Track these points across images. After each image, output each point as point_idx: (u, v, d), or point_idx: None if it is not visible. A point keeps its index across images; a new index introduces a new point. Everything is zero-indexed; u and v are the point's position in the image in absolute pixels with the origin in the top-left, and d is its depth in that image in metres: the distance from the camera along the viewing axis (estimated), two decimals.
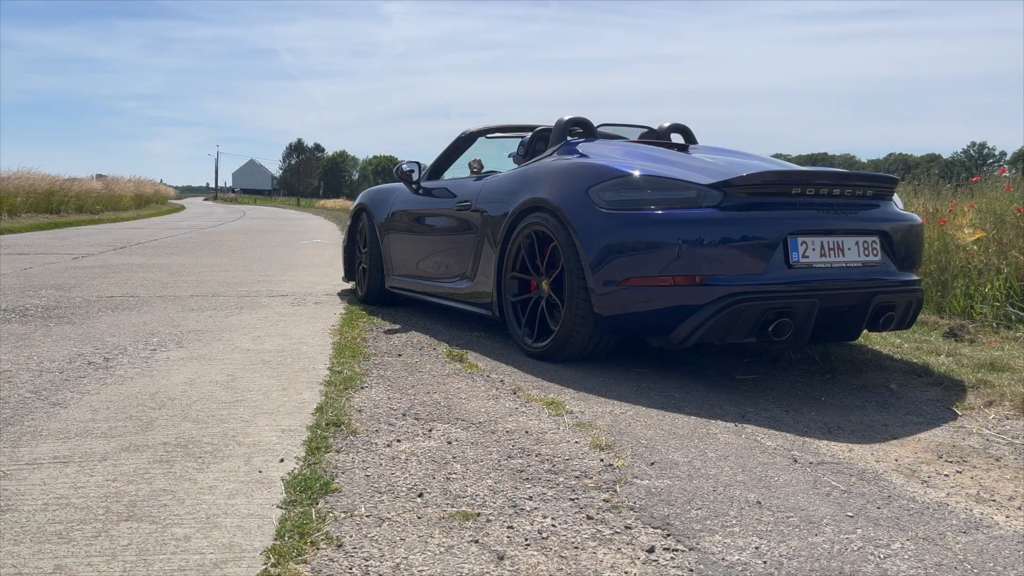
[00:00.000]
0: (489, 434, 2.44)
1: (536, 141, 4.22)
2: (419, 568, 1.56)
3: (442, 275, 4.38)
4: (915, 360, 3.54)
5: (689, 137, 4.52)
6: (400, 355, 3.57)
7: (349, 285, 5.83)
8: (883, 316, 3.25)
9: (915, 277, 3.42)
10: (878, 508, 1.95)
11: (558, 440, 2.39)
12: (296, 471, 2.04)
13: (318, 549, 1.62)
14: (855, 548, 1.71)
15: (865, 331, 3.45)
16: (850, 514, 1.90)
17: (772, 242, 3.02)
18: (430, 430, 2.46)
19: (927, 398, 3.04)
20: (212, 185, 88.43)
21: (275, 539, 1.65)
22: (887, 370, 3.42)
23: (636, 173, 3.24)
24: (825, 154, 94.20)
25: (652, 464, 2.20)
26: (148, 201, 29.21)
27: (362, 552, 1.62)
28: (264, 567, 1.52)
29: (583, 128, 4.10)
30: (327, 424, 2.44)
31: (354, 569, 1.54)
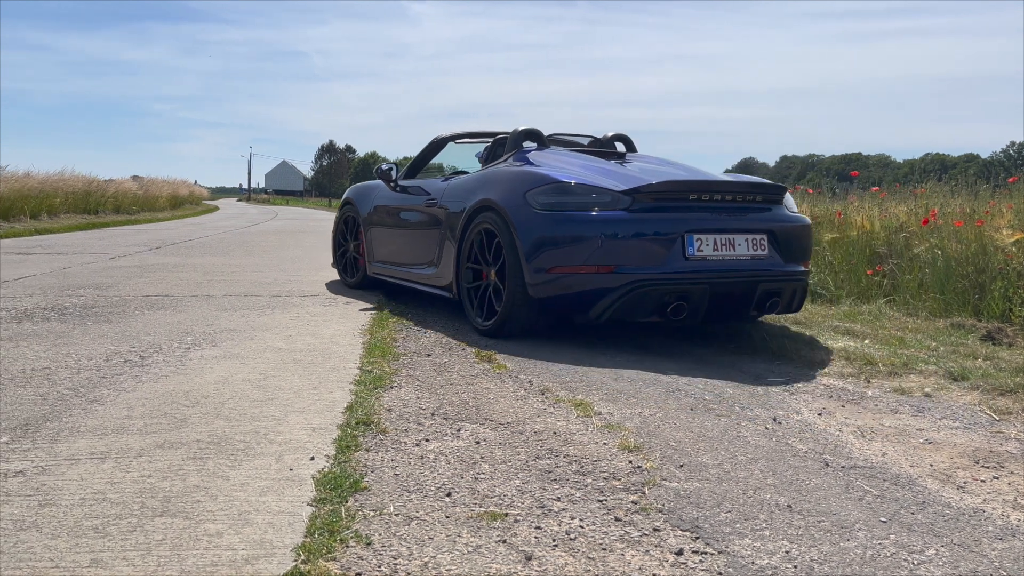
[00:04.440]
0: (517, 434, 2.44)
1: (496, 147, 4.87)
2: (447, 567, 1.57)
3: (413, 262, 4.96)
4: (951, 364, 3.48)
5: (630, 146, 5.20)
6: (429, 355, 3.58)
7: (335, 272, 6.31)
8: (769, 301, 3.84)
9: (801, 268, 3.99)
10: (912, 514, 1.92)
11: (586, 441, 2.38)
12: (326, 469, 2.06)
13: (347, 547, 1.63)
14: (888, 554, 1.69)
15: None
16: (883, 519, 1.87)
17: (671, 238, 3.63)
18: (458, 430, 2.47)
19: (963, 402, 2.98)
20: (245, 186, 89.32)
21: (305, 536, 1.66)
22: (923, 374, 3.36)
23: (564, 180, 3.84)
24: (859, 154, 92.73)
25: (681, 466, 2.19)
26: (183, 202, 29.64)
27: (391, 550, 1.63)
28: (294, 564, 1.54)
29: (535, 138, 4.70)
30: (357, 423, 2.46)
31: (383, 567, 1.56)
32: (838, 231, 6.46)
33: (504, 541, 1.69)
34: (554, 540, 1.70)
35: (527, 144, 4.69)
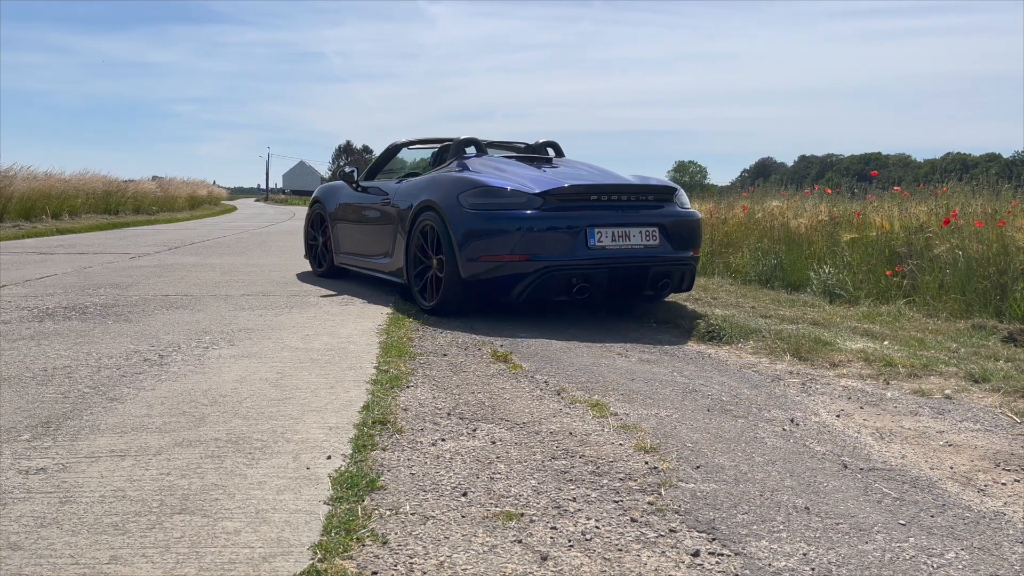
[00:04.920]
0: (533, 435, 2.44)
1: (442, 152, 5.62)
2: (463, 567, 1.57)
3: (372, 253, 5.72)
4: (972, 365, 3.44)
5: (558, 151, 6.00)
6: (445, 355, 3.59)
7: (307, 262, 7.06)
8: (660, 282, 4.61)
9: (690, 254, 4.73)
10: (932, 516, 1.90)
11: (602, 442, 2.38)
12: (343, 468, 2.07)
13: (364, 546, 1.64)
14: (907, 557, 1.67)
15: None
16: (902, 522, 1.86)
17: (576, 231, 4.35)
18: (474, 430, 2.47)
19: (984, 404, 2.95)
20: (263, 186, 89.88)
21: (322, 535, 1.67)
22: (943, 376, 3.33)
23: (489, 184, 4.56)
24: (879, 154, 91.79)
25: (698, 468, 2.18)
26: (201, 202, 29.82)
27: (407, 550, 1.63)
28: (311, 562, 1.55)
29: (475, 145, 5.53)
30: (373, 422, 2.47)
31: (399, 566, 1.56)
32: (857, 231, 6.41)
33: (520, 541, 1.69)
34: (570, 540, 1.70)
35: (468, 150, 5.47)
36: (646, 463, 2.20)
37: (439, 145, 5.83)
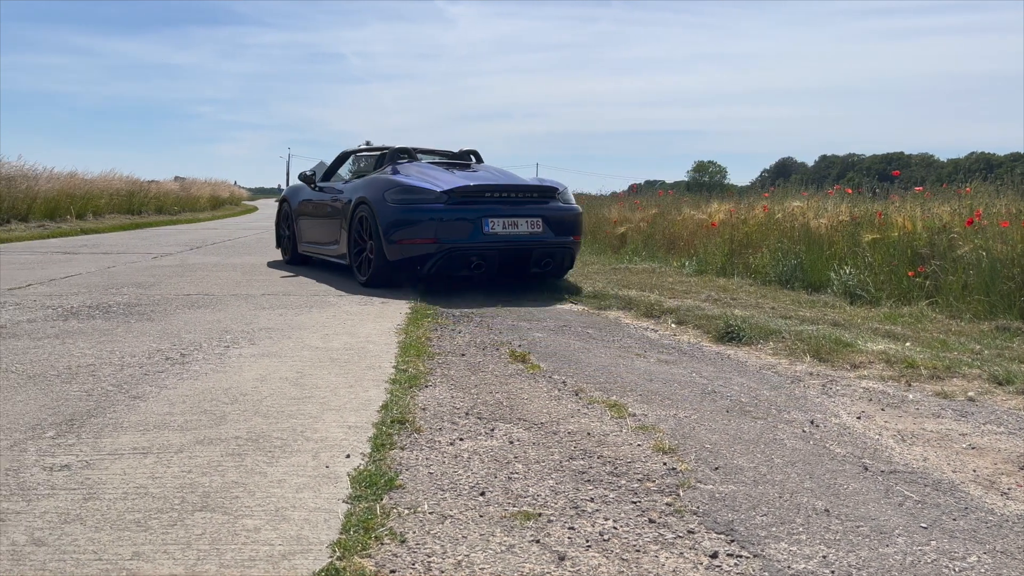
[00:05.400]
0: (551, 435, 2.44)
1: (381, 158, 6.90)
2: (481, 566, 1.57)
3: (326, 241, 6.91)
4: (996, 367, 3.40)
5: (479, 158, 7.36)
6: (464, 355, 3.60)
7: (278, 253, 8.34)
8: (543, 262, 5.84)
9: (570, 240, 5.95)
10: (954, 520, 1.88)
11: (620, 442, 2.38)
12: (362, 467, 2.08)
13: (382, 544, 1.65)
14: (929, 560, 1.66)
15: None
16: (924, 525, 1.84)
17: (474, 220, 5.55)
18: (492, 429, 2.47)
19: (1008, 407, 2.92)
20: (283, 187, 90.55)
21: (341, 533, 1.68)
22: (966, 377, 3.29)
23: (407, 184, 5.76)
24: (901, 153, 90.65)
25: (716, 469, 2.17)
26: (223, 202, 30.05)
27: (425, 548, 1.64)
28: (330, 560, 1.56)
29: (406, 154, 6.81)
30: (392, 421, 2.48)
31: (417, 565, 1.57)
32: (879, 232, 6.34)
33: (537, 541, 1.69)
34: (587, 541, 1.70)
35: (401, 157, 6.70)
36: (664, 464, 2.19)
37: (379, 152, 7.14)
